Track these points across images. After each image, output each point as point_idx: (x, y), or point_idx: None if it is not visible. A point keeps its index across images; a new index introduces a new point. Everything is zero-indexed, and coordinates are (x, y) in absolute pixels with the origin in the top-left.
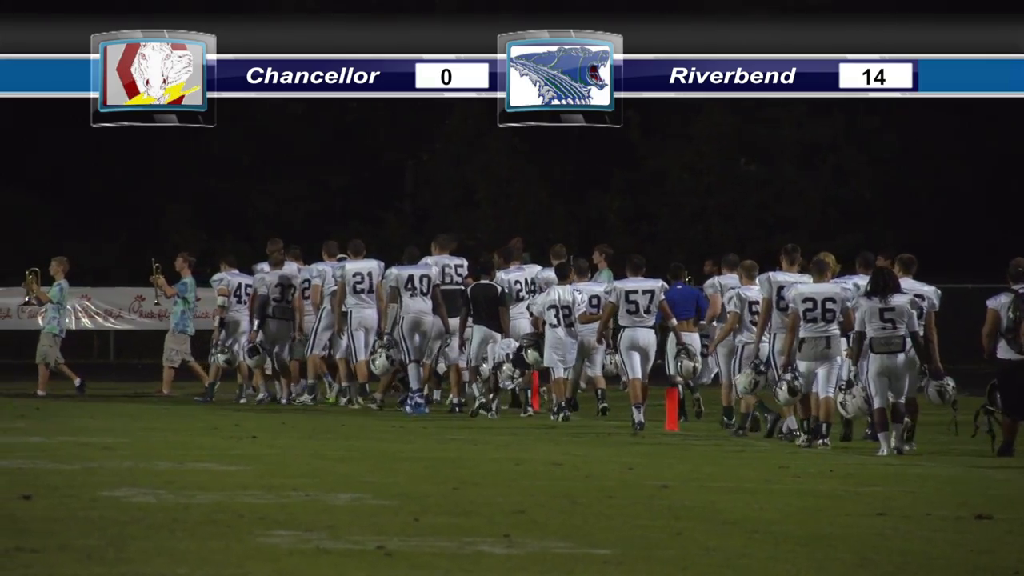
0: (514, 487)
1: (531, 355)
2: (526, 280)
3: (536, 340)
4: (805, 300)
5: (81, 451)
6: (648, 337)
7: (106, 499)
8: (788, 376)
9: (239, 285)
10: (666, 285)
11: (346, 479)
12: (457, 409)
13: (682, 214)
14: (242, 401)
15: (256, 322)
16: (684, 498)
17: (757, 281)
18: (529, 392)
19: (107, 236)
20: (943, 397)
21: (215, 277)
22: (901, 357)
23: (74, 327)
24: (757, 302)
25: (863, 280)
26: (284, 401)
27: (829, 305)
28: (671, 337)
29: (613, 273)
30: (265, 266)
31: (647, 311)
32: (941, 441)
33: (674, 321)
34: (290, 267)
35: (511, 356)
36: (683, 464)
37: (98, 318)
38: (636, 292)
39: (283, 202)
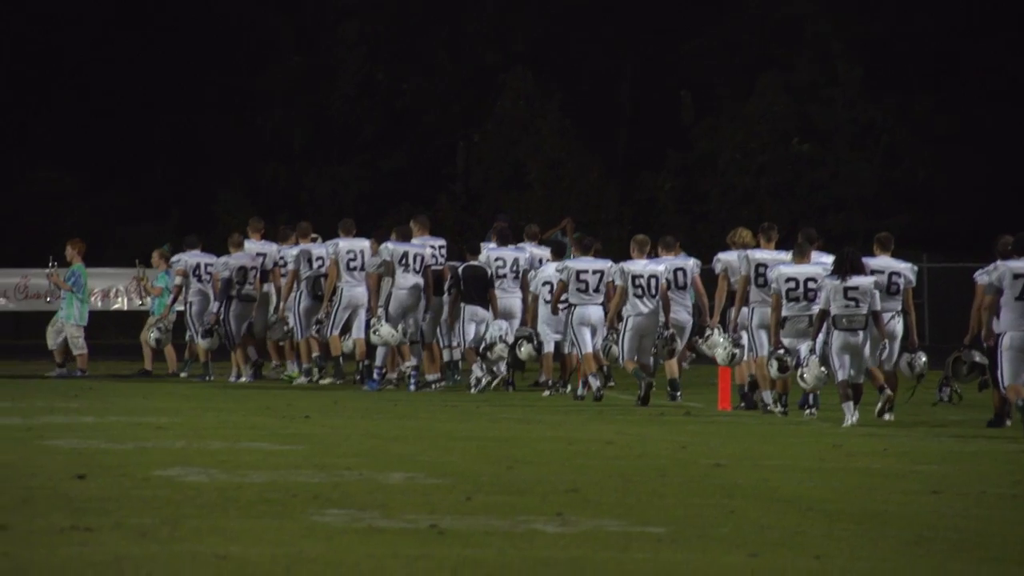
0: (567, 466)
1: (524, 350)
2: (515, 260)
3: (529, 334)
4: (788, 280)
5: (134, 431)
6: (598, 313)
7: (159, 478)
8: (778, 353)
9: (197, 265)
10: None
11: (399, 458)
12: (433, 386)
13: (734, 195)
14: (182, 375)
15: (218, 304)
16: (738, 476)
17: (736, 257)
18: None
19: (160, 219)
20: (912, 369)
21: (174, 258)
22: (862, 335)
23: (125, 308)
24: (641, 276)
25: (878, 261)
26: (232, 379)
27: (811, 285)
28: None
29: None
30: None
31: (596, 290)
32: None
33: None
34: (263, 246)
35: (503, 338)
36: (736, 443)
37: (148, 300)
38: (587, 272)
39: (337, 184)
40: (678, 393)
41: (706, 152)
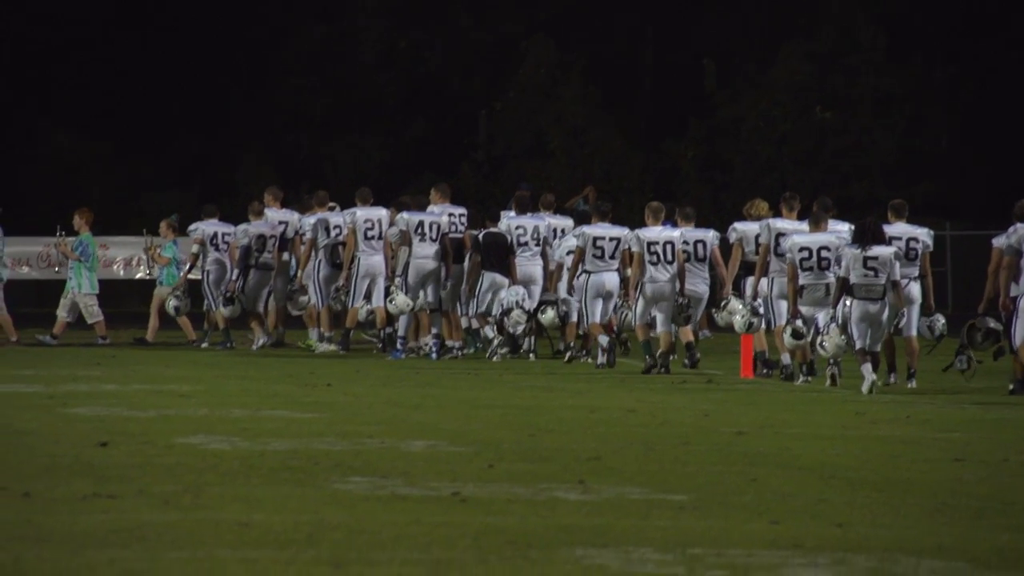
0: (589, 434)
1: (548, 316)
2: (535, 228)
3: (556, 300)
4: (801, 249)
5: (156, 399)
6: (613, 280)
7: (182, 446)
8: (794, 323)
9: (215, 234)
10: (719, 235)
11: (421, 426)
12: (458, 353)
13: (757, 162)
14: (203, 346)
15: (236, 272)
16: (760, 444)
17: (751, 228)
18: (534, 339)
19: (182, 187)
20: (932, 331)
21: (191, 227)
22: (880, 304)
23: (148, 277)
24: (656, 242)
25: (895, 227)
26: (256, 347)
27: (824, 254)
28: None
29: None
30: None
31: (612, 256)
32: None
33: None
34: (286, 215)
35: (521, 303)
36: (758, 411)
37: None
38: (603, 238)
39: (359, 153)
40: (697, 356)
41: (729, 120)
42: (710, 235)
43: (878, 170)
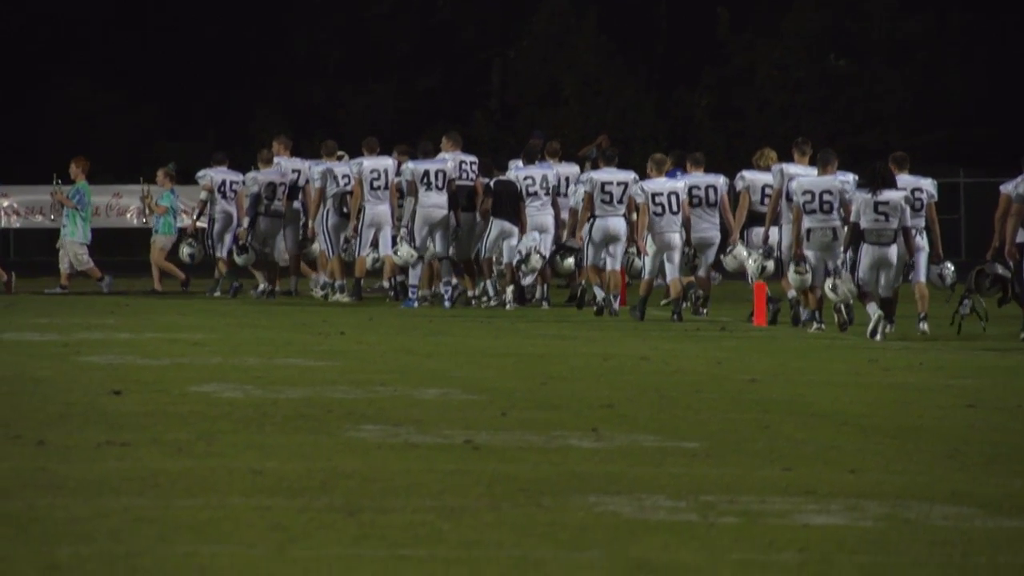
0: (602, 382)
1: (567, 263)
2: (544, 177)
3: (577, 248)
4: (804, 192)
5: (170, 347)
6: (620, 224)
7: (195, 394)
8: (798, 265)
9: (223, 182)
10: (728, 180)
11: (434, 374)
12: (473, 303)
13: (770, 110)
14: (215, 294)
15: (247, 220)
16: (772, 392)
17: (766, 176)
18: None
19: (195, 137)
20: (944, 280)
21: (200, 173)
22: (892, 249)
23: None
24: (661, 194)
25: (901, 180)
26: (270, 296)
27: (826, 197)
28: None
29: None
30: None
31: (620, 201)
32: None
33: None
34: (298, 163)
35: (538, 249)
36: (771, 358)
37: (184, 216)
38: (611, 183)
39: (372, 102)
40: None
41: (743, 68)
42: (720, 180)
43: (892, 118)
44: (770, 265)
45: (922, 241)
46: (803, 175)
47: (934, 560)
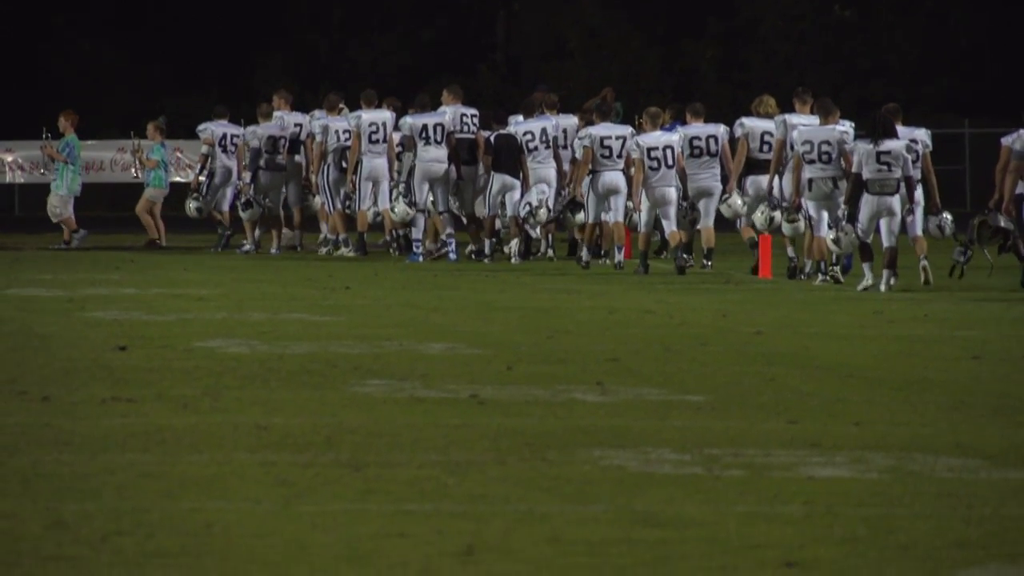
0: (607, 335)
1: (579, 217)
2: (543, 130)
3: (581, 205)
4: (804, 143)
5: (175, 303)
6: (619, 179)
7: (200, 350)
8: (787, 214)
9: (224, 135)
10: (728, 129)
11: (439, 329)
12: (474, 256)
13: (775, 61)
14: (218, 250)
15: (248, 175)
16: (778, 344)
17: (765, 123)
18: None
19: (199, 90)
20: (943, 231)
21: (200, 127)
22: (895, 198)
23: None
24: (656, 148)
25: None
26: (275, 251)
27: (825, 148)
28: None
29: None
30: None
31: (619, 155)
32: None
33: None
34: (300, 117)
35: (545, 202)
36: (777, 311)
37: (189, 171)
38: (610, 137)
39: (377, 55)
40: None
41: (748, 19)
42: (720, 130)
43: (897, 68)
44: (777, 216)
45: (918, 193)
46: (805, 124)
47: (939, 512)
